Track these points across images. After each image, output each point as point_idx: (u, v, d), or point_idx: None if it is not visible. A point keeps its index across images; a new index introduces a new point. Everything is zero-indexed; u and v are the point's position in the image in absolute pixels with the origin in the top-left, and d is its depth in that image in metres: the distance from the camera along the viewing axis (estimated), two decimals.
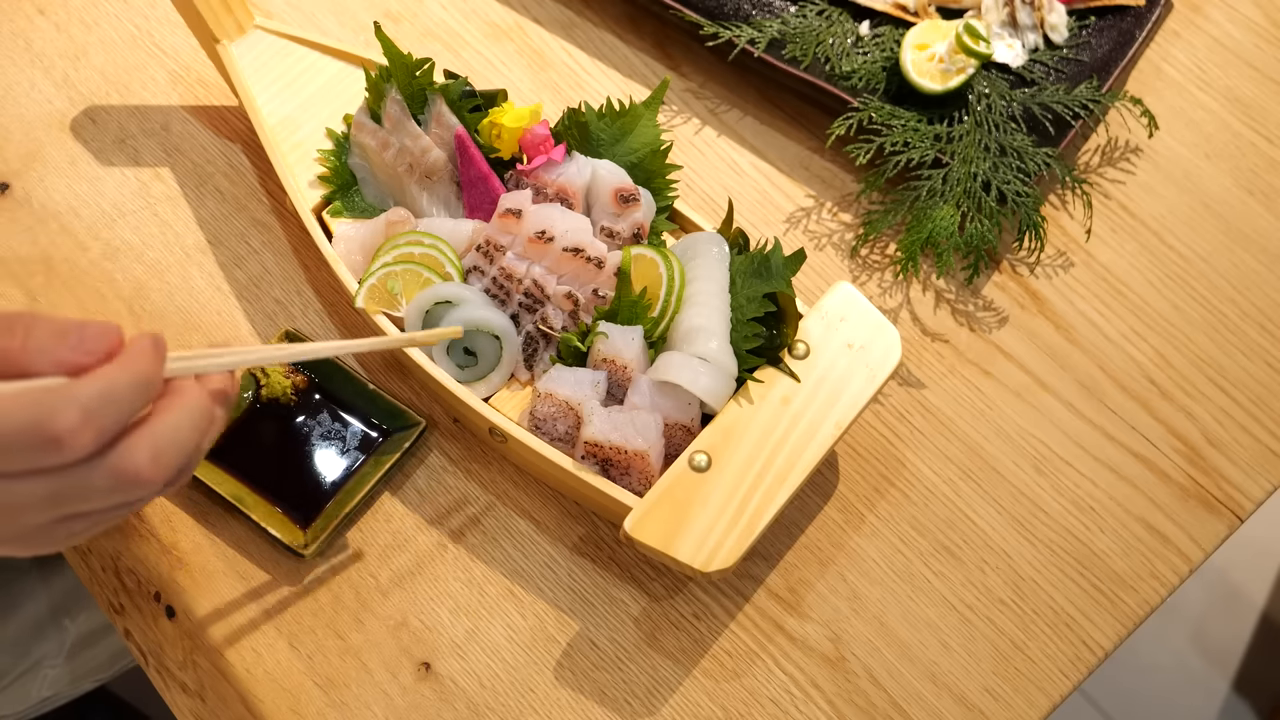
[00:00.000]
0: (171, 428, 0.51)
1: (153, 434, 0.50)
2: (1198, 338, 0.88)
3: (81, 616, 0.97)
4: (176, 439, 0.51)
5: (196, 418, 0.52)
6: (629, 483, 0.73)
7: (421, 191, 0.83)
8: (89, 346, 0.49)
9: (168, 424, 0.51)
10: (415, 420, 0.79)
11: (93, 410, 0.47)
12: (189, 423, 0.52)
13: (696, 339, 0.74)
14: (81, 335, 0.49)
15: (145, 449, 0.49)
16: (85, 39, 0.95)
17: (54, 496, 0.49)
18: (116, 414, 0.48)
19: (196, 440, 0.52)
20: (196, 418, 0.52)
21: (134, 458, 0.49)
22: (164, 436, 0.50)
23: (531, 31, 0.99)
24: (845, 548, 0.80)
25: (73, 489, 0.49)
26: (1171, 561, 0.80)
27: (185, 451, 0.51)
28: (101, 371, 0.48)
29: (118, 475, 0.49)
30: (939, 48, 0.91)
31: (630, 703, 0.75)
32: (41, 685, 0.96)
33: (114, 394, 0.48)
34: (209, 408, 0.53)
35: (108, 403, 0.48)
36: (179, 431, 0.51)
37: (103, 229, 0.88)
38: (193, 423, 0.52)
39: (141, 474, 0.49)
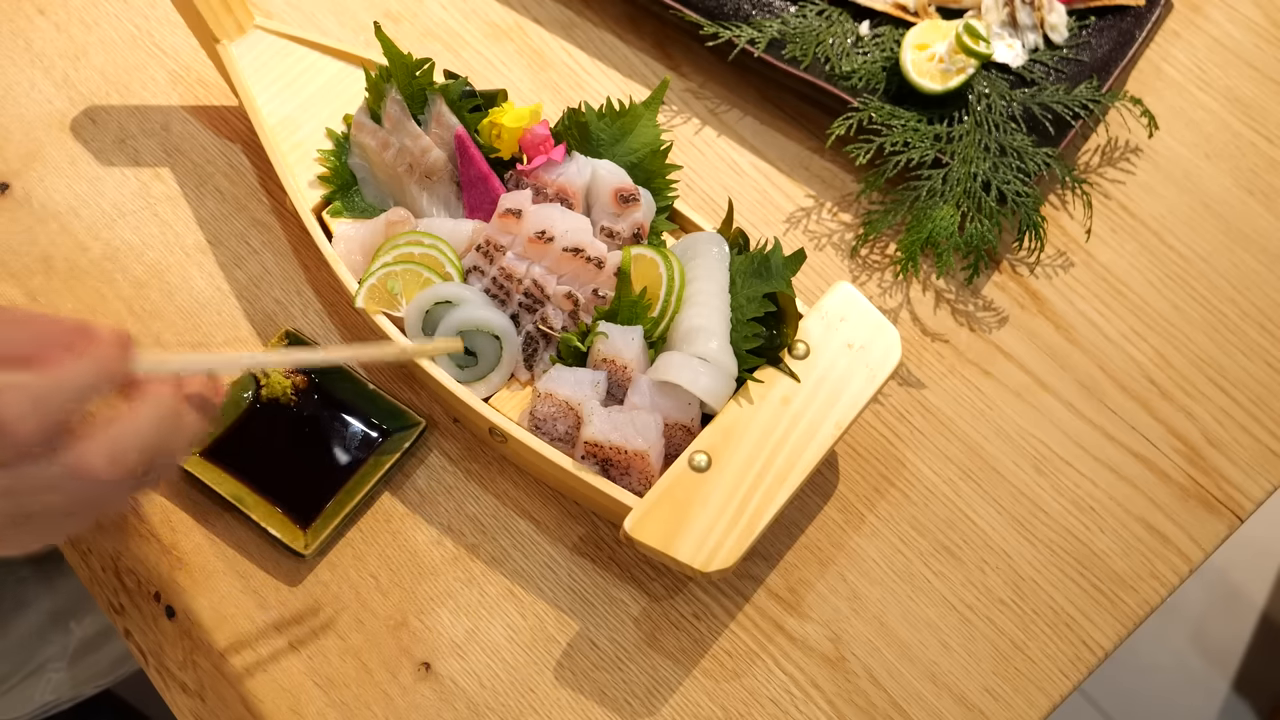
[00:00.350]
0: (133, 427, 0.51)
1: (112, 433, 0.50)
2: (1198, 338, 0.88)
3: (87, 620, 0.97)
4: (138, 438, 0.51)
5: (161, 417, 0.52)
6: (629, 483, 0.73)
7: (421, 191, 0.83)
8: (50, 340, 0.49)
9: (130, 423, 0.51)
10: (415, 420, 0.79)
11: (41, 398, 0.47)
12: (152, 422, 0.51)
13: (696, 339, 0.74)
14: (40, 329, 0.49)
15: (103, 446, 0.49)
16: (85, 39, 0.95)
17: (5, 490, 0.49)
18: (65, 404, 0.48)
19: (160, 441, 0.52)
20: (161, 417, 0.52)
21: (89, 454, 0.49)
22: (125, 435, 0.50)
23: (531, 31, 0.99)
24: (845, 548, 0.80)
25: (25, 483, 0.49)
26: (1171, 561, 0.80)
27: (146, 452, 0.51)
28: (60, 365, 0.48)
29: (72, 471, 0.49)
30: (939, 48, 0.91)
31: (630, 703, 0.75)
32: (45, 689, 0.96)
33: (65, 384, 0.48)
34: (176, 409, 0.53)
35: (57, 392, 0.48)
36: (140, 431, 0.51)
37: (103, 229, 0.88)
38: (156, 422, 0.52)
39: (96, 471, 0.49)
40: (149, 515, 0.78)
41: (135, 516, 0.78)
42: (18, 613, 0.95)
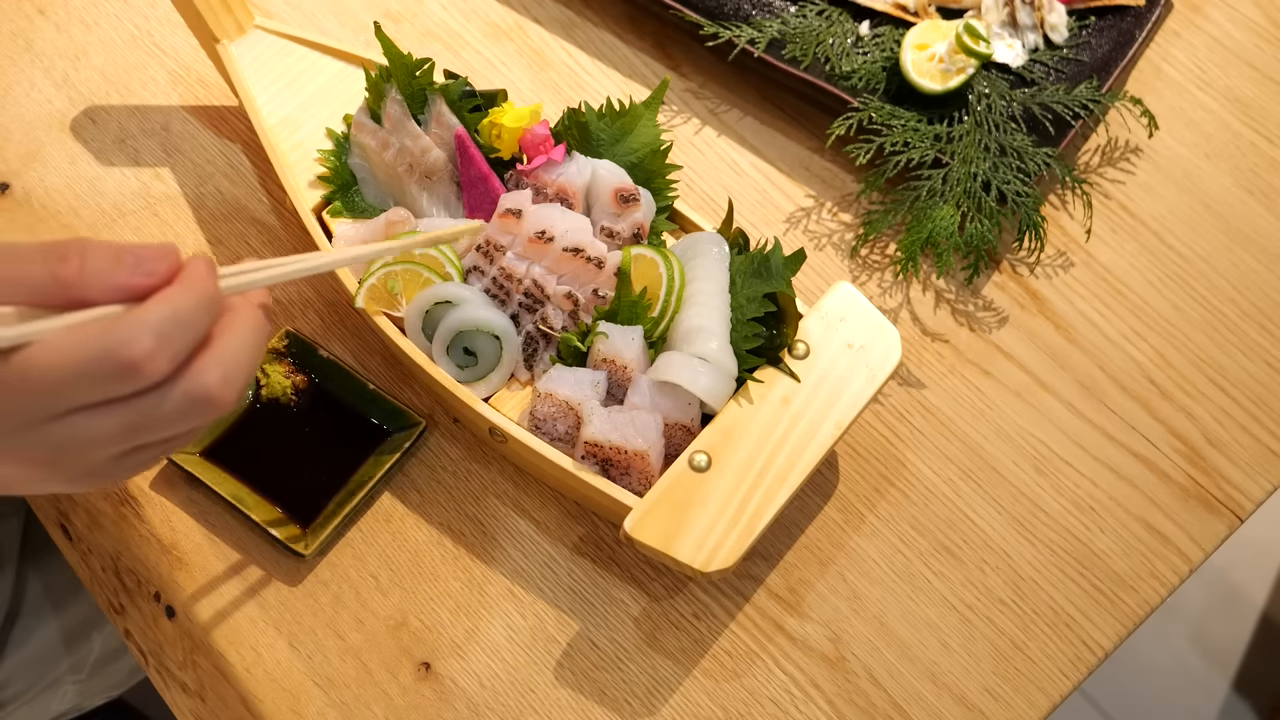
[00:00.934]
0: (235, 347, 0.50)
1: (219, 355, 0.50)
2: (1198, 338, 0.88)
3: (108, 630, 0.97)
4: (240, 358, 0.51)
5: (256, 335, 0.52)
6: (629, 483, 0.73)
7: (421, 191, 0.83)
8: (147, 268, 0.48)
9: (231, 344, 0.50)
10: (415, 420, 0.79)
11: (165, 334, 0.47)
12: (251, 340, 0.51)
13: (696, 339, 0.74)
14: (138, 258, 0.48)
15: (215, 370, 0.49)
16: (85, 39, 0.95)
17: (129, 427, 0.49)
18: (187, 336, 0.48)
19: (258, 356, 0.52)
20: (256, 335, 0.52)
21: (205, 380, 0.49)
22: (230, 356, 0.50)
23: (531, 31, 0.99)
24: (845, 548, 0.80)
25: (148, 417, 0.48)
26: (1171, 561, 0.80)
27: (249, 370, 0.51)
28: (166, 295, 0.48)
29: (191, 399, 0.49)
30: (939, 48, 0.91)
31: (630, 703, 0.75)
32: (60, 701, 0.95)
33: (182, 316, 0.48)
34: (264, 323, 0.53)
35: (178, 325, 0.48)
36: (242, 350, 0.51)
37: (103, 229, 0.88)
38: (254, 340, 0.52)
39: (214, 396, 0.49)
40: (149, 515, 0.78)
41: (135, 517, 0.78)
42: (39, 624, 0.94)
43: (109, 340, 0.46)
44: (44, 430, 0.48)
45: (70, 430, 0.48)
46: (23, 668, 0.93)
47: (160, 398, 0.48)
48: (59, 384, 0.46)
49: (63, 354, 0.46)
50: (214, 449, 0.79)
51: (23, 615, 0.94)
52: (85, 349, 0.46)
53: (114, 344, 0.46)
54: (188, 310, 0.48)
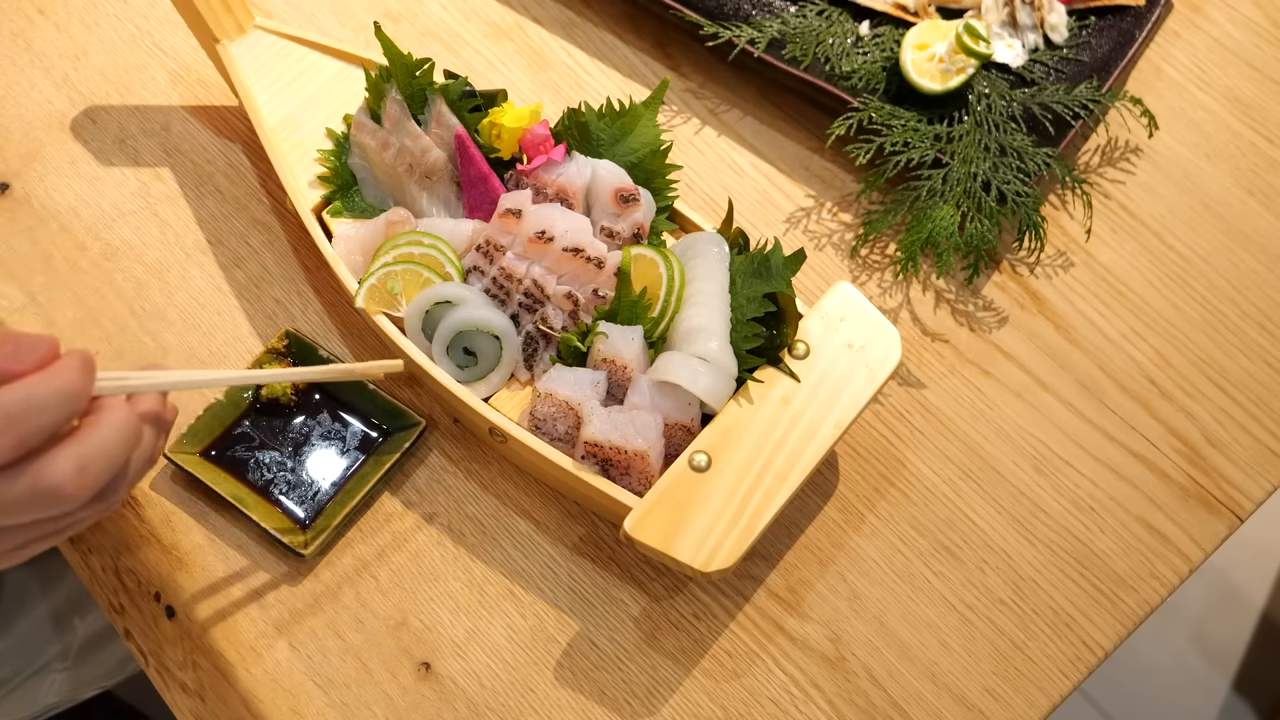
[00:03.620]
0: (98, 442, 0.50)
1: (78, 448, 0.49)
2: (1198, 338, 0.88)
3: (90, 616, 0.97)
4: (103, 453, 0.50)
5: (125, 433, 0.51)
6: (629, 483, 0.73)
7: (421, 191, 0.83)
8: (19, 356, 0.48)
9: (94, 439, 0.50)
10: (415, 420, 0.79)
11: (13, 415, 0.47)
12: (116, 438, 0.51)
13: (696, 339, 0.74)
14: (14, 346, 0.48)
15: (69, 462, 0.49)
16: (85, 39, 0.95)
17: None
18: (37, 422, 0.48)
19: (124, 457, 0.51)
20: (125, 433, 0.51)
21: (57, 471, 0.48)
22: (90, 451, 0.49)
23: (531, 31, 0.99)
24: (845, 548, 0.80)
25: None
26: (1171, 561, 0.80)
27: (112, 467, 0.50)
28: (26, 379, 0.48)
29: (39, 488, 0.48)
30: (939, 48, 0.91)
31: (630, 703, 0.75)
32: (49, 690, 0.95)
33: (36, 401, 0.47)
34: (137, 425, 0.52)
35: (30, 409, 0.47)
36: (106, 446, 0.50)
37: (103, 229, 0.88)
38: (121, 438, 0.51)
39: (64, 488, 0.48)
40: (149, 515, 0.78)
41: (136, 517, 0.78)
42: (20, 610, 0.95)
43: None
44: None
45: None
46: (7, 653, 0.93)
47: (8, 483, 0.48)
48: None
49: None
50: (214, 449, 0.79)
51: (4, 599, 0.94)
52: None
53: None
54: (42, 396, 0.48)
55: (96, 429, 0.50)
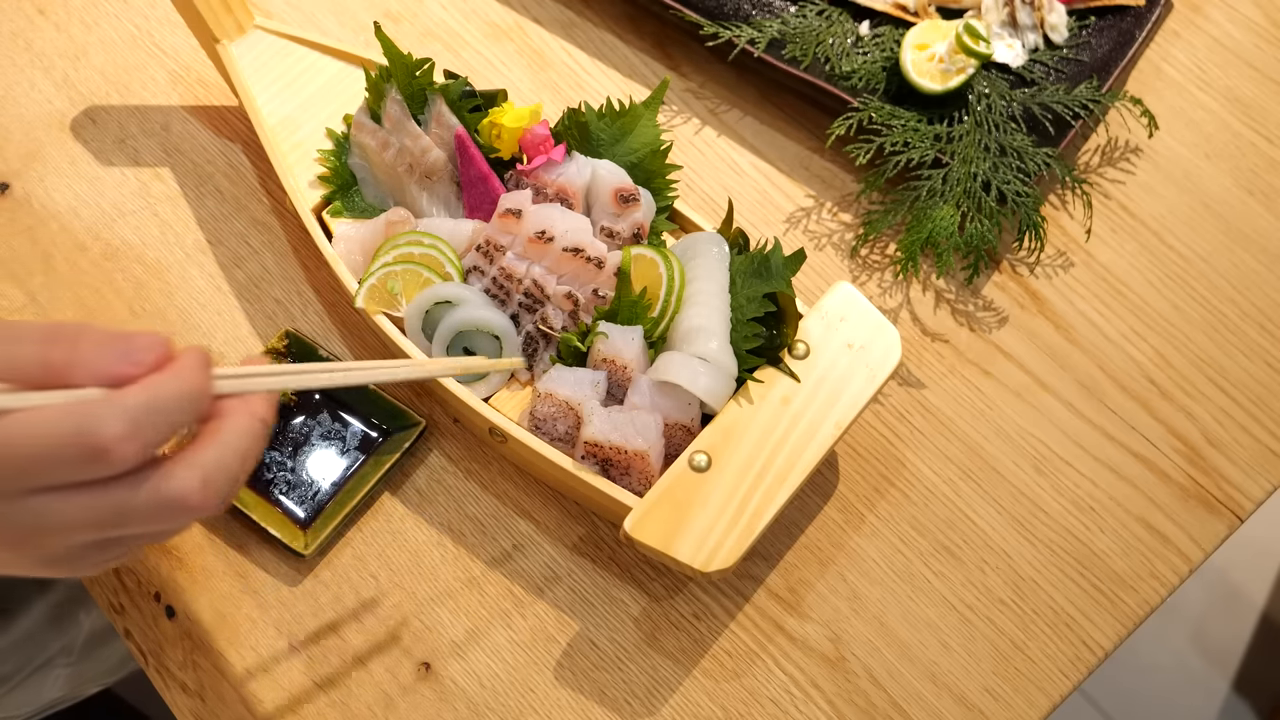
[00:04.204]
0: (220, 452, 0.49)
1: (200, 458, 0.48)
2: (1198, 338, 0.88)
3: (95, 611, 0.97)
4: (225, 464, 0.49)
5: (247, 443, 0.50)
6: (629, 483, 0.73)
7: (421, 191, 0.83)
8: (136, 358, 0.47)
9: (216, 449, 0.49)
10: (415, 420, 0.79)
11: (139, 420, 0.46)
12: (239, 448, 0.50)
13: (696, 339, 0.74)
14: (128, 346, 0.47)
15: (192, 473, 0.48)
16: (85, 39, 0.95)
17: (97, 516, 0.47)
18: (163, 425, 0.47)
19: (245, 467, 0.50)
20: (247, 443, 0.50)
21: (180, 481, 0.48)
22: (212, 460, 0.48)
23: (531, 31, 0.99)
24: (845, 548, 0.80)
25: (116, 510, 0.47)
26: (1171, 561, 0.80)
27: (235, 479, 0.50)
28: (148, 381, 0.47)
29: (164, 499, 0.47)
30: (939, 48, 0.91)
31: (630, 703, 0.75)
32: (54, 686, 0.95)
33: (160, 405, 0.46)
34: (259, 433, 0.51)
35: (154, 413, 0.46)
36: (228, 457, 0.49)
37: (103, 229, 0.88)
38: (243, 448, 0.50)
39: (190, 500, 0.48)
40: None
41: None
42: (23, 606, 0.95)
43: (81, 421, 0.45)
44: (10, 508, 0.47)
45: (37, 510, 0.47)
46: (12, 648, 0.93)
47: (131, 491, 0.47)
48: (27, 460, 0.45)
49: (33, 430, 0.45)
50: None
51: (7, 595, 0.94)
52: (56, 427, 0.45)
53: (85, 425, 0.45)
54: (166, 400, 0.47)
55: (220, 437, 0.49)
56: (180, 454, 0.48)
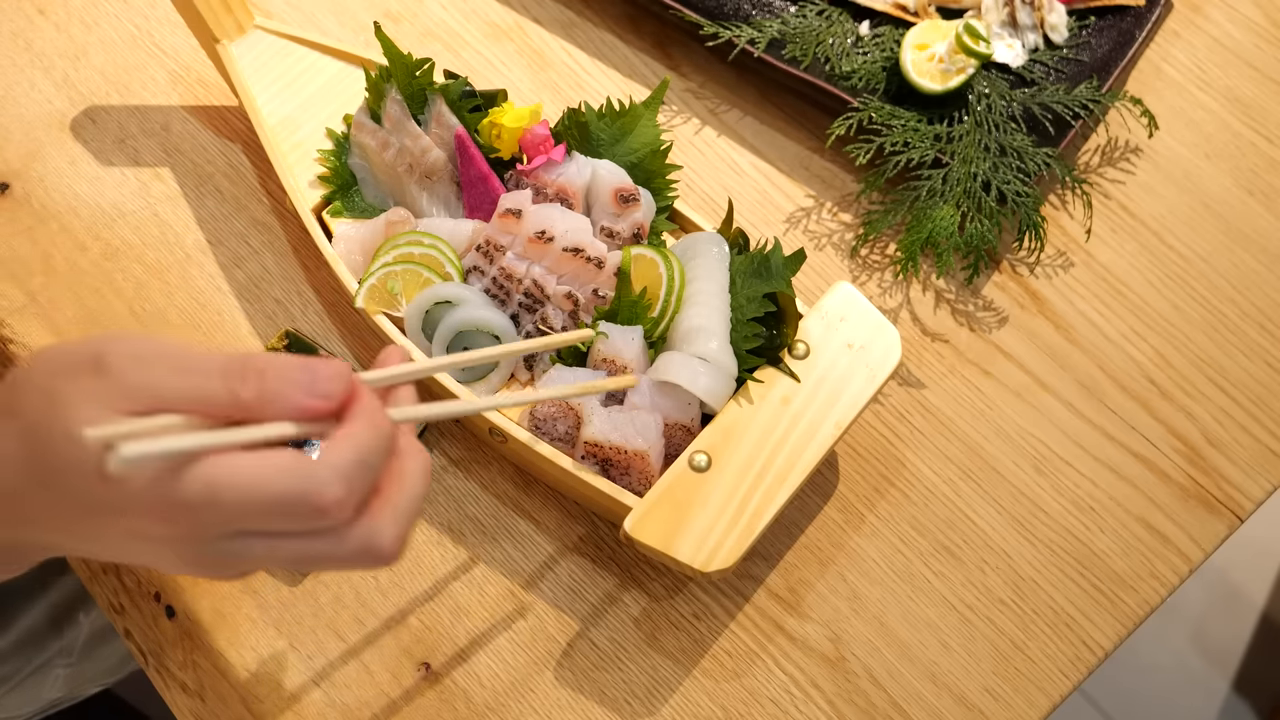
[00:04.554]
0: (407, 500, 0.51)
1: (395, 509, 0.50)
2: (1198, 338, 0.88)
3: (94, 611, 0.97)
4: (414, 511, 0.51)
5: (426, 485, 0.52)
6: (629, 483, 0.73)
7: (421, 191, 0.83)
8: (323, 391, 0.49)
9: (404, 497, 0.51)
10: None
11: (353, 479, 0.48)
12: (422, 492, 0.52)
13: (696, 339, 0.74)
14: (314, 379, 0.48)
15: (392, 527, 0.50)
16: (85, 39, 0.95)
17: (297, 559, 0.49)
18: (369, 479, 0.49)
19: (420, 509, 0.53)
20: (426, 485, 0.52)
21: (381, 534, 0.49)
22: (403, 510, 0.50)
23: (531, 31, 0.99)
24: (845, 548, 0.80)
25: (317, 556, 0.49)
26: (1171, 561, 0.80)
27: (414, 523, 0.52)
28: (352, 435, 0.48)
29: (366, 549, 0.49)
30: (939, 48, 0.91)
31: (630, 703, 0.75)
32: (53, 686, 0.95)
33: (368, 460, 0.48)
34: (429, 471, 0.53)
35: (362, 469, 0.48)
36: (415, 503, 0.51)
37: (103, 229, 0.88)
38: (424, 491, 0.52)
39: (385, 551, 0.49)
40: None
41: None
42: (23, 606, 0.94)
43: (303, 484, 0.47)
44: (216, 543, 0.48)
45: (243, 548, 0.49)
46: (11, 649, 0.93)
47: (337, 543, 0.49)
48: (245, 511, 0.47)
49: (254, 483, 0.46)
50: None
51: (7, 595, 0.94)
52: (278, 486, 0.46)
53: (308, 488, 0.47)
54: (372, 454, 0.48)
55: (406, 484, 0.51)
56: (377, 503, 0.50)
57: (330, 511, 0.47)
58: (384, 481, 0.50)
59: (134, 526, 0.48)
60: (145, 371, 0.47)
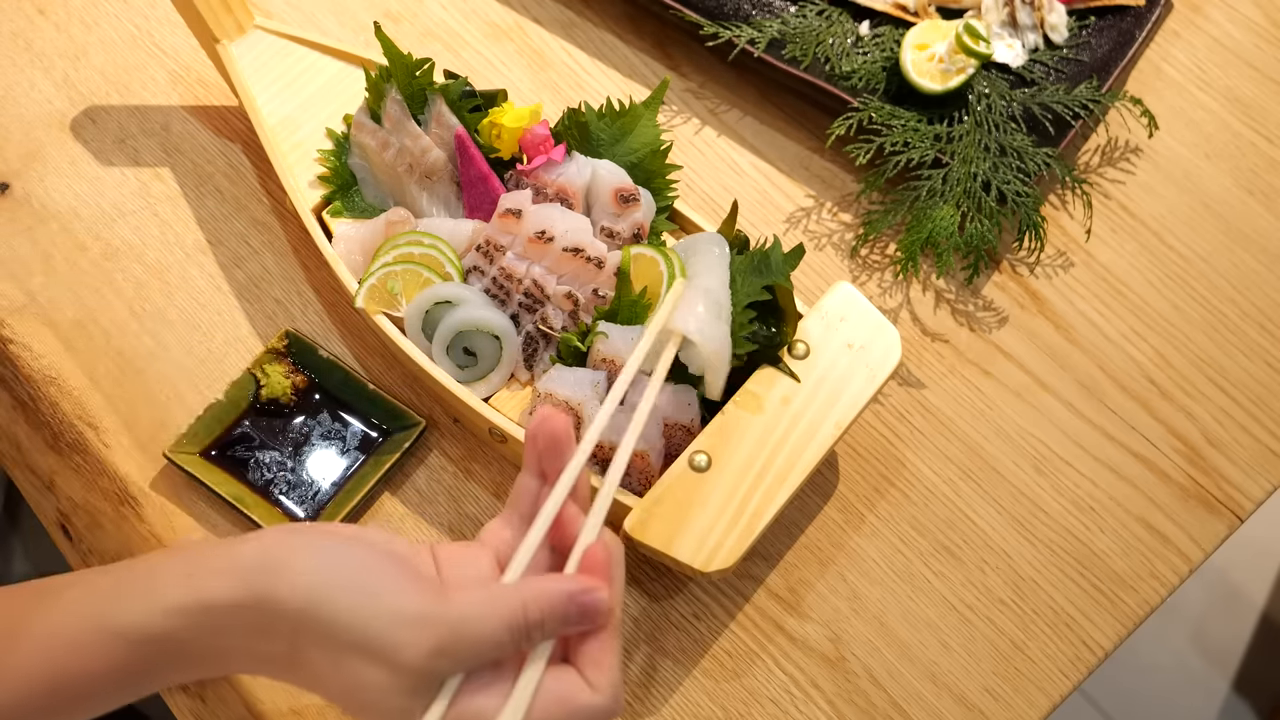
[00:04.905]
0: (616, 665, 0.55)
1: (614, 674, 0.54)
2: (1198, 338, 0.88)
3: None
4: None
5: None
6: (629, 483, 0.73)
7: (421, 191, 0.83)
8: (587, 622, 0.53)
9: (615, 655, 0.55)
10: (415, 420, 0.79)
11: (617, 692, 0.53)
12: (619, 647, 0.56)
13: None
14: (582, 615, 0.53)
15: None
16: (85, 39, 0.95)
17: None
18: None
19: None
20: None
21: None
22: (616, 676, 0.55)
23: (531, 31, 0.99)
24: (845, 548, 0.80)
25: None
26: (1171, 561, 0.80)
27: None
28: (613, 671, 0.53)
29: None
30: (939, 48, 0.91)
31: (630, 703, 0.75)
32: None
33: (617, 673, 0.53)
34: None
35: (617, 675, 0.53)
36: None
37: (103, 229, 0.88)
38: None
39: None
40: (149, 516, 0.78)
41: (135, 517, 0.78)
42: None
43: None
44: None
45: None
46: None
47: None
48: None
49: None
50: (214, 449, 0.79)
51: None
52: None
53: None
54: (617, 665, 0.54)
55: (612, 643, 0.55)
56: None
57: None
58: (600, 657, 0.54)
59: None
60: (449, 663, 0.51)
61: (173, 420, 0.81)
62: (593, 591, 0.52)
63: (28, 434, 0.82)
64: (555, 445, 0.57)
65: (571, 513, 0.56)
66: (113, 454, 0.80)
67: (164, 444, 0.79)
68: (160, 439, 0.80)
